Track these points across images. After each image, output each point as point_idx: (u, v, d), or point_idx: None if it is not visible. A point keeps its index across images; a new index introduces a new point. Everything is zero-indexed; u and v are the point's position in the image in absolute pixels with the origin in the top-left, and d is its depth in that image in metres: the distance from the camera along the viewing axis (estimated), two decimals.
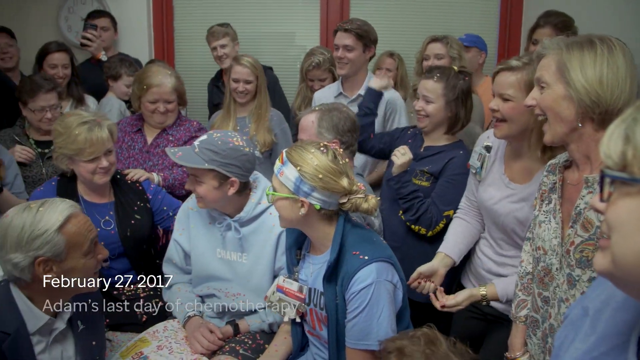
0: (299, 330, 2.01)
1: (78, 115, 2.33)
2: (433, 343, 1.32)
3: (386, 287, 1.71)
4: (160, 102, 2.86)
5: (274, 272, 2.17)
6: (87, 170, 2.32)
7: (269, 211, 2.17)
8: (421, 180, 2.50)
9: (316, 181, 1.70)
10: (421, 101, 2.50)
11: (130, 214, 2.44)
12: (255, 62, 3.20)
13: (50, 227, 1.56)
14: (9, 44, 3.69)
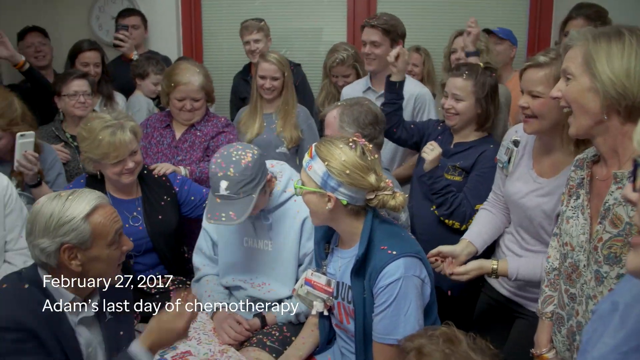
0: (326, 323, 2.04)
1: (101, 118, 2.36)
2: (452, 342, 1.31)
3: (414, 282, 1.73)
4: (188, 100, 2.90)
5: (299, 259, 2.21)
6: (113, 173, 2.37)
7: (294, 198, 2.21)
8: (453, 175, 2.51)
9: (343, 177, 1.72)
10: (450, 99, 2.50)
11: (158, 209, 2.49)
12: (281, 58, 3.21)
13: (77, 215, 1.61)
14: (42, 43, 3.79)
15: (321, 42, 4.57)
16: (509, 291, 2.19)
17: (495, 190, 2.29)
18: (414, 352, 1.33)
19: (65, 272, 1.66)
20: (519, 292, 2.16)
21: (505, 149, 2.18)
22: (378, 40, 3.02)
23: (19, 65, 2.98)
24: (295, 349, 2.03)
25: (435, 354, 1.29)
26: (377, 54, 3.04)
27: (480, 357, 1.28)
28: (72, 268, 1.64)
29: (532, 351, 1.83)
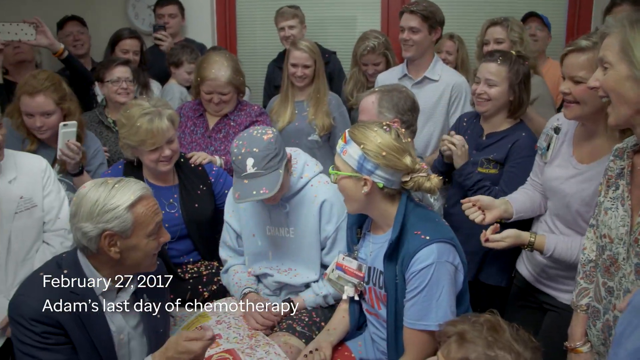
0: (357, 308, 2.04)
1: (139, 105, 2.39)
2: (496, 330, 1.29)
3: (447, 268, 1.72)
4: (215, 93, 2.90)
5: (321, 242, 2.23)
6: (150, 160, 2.40)
7: (311, 183, 2.22)
8: (488, 168, 2.47)
9: (379, 159, 1.72)
10: (483, 85, 2.46)
11: (194, 197, 2.52)
12: (313, 46, 3.20)
13: (121, 204, 1.65)
14: (80, 32, 3.87)
15: (355, 30, 4.52)
16: (539, 281, 2.16)
17: (533, 178, 2.26)
18: (455, 336, 1.32)
19: (104, 258, 1.71)
20: (550, 284, 2.12)
21: (545, 135, 2.15)
22: (417, 27, 2.98)
23: (58, 54, 3.05)
24: (326, 335, 2.04)
25: (478, 341, 1.28)
26: (415, 40, 2.99)
27: (522, 348, 1.27)
28: (110, 254, 1.68)
29: (566, 344, 1.80)
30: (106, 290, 1.74)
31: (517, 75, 2.41)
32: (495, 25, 3.08)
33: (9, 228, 2.15)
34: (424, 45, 3.02)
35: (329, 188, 2.21)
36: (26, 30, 2.87)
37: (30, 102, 2.51)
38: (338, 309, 2.15)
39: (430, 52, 3.10)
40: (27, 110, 2.53)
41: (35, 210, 2.25)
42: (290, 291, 2.30)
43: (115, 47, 3.63)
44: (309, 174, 2.24)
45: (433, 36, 3.04)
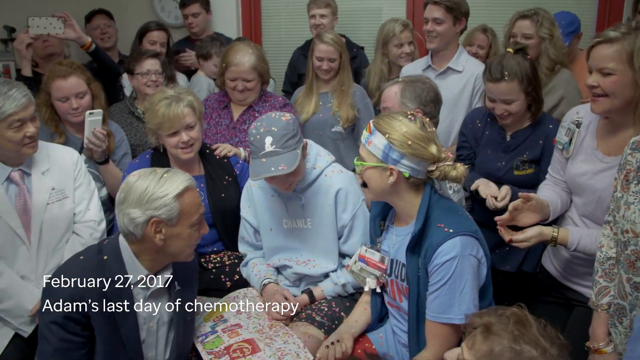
0: (379, 300, 2.05)
1: (163, 91, 2.46)
2: (522, 324, 1.28)
3: (470, 262, 1.71)
4: (239, 80, 2.92)
5: (338, 231, 2.25)
6: (170, 145, 2.44)
7: (324, 173, 2.24)
8: (524, 169, 2.45)
9: (405, 147, 1.72)
10: (500, 104, 2.40)
11: (220, 187, 2.56)
12: (338, 39, 3.19)
13: (170, 192, 1.71)
14: (107, 25, 3.93)
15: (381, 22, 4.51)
16: (565, 277, 2.14)
17: (552, 174, 2.22)
18: (481, 328, 1.31)
19: (147, 245, 1.77)
20: (577, 280, 2.10)
21: (565, 129, 2.10)
22: (440, 18, 2.94)
23: (85, 47, 3.12)
24: (347, 326, 2.06)
25: (504, 334, 1.27)
26: (439, 31, 2.96)
27: (548, 344, 1.25)
28: (155, 241, 1.74)
29: (588, 344, 1.78)
30: (141, 278, 1.80)
31: (529, 80, 2.34)
32: (525, 19, 2.98)
33: (40, 218, 2.21)
34: (448, 37, 2.98)
35: (343, 177, 2.23)
36: (55, 24, 2.95)
37: (64, 84, 2.59)
38: (360, 302, 2.17)
39: (455, 43, 3.06)
40: (62, 94, 2.60)
41: (67, 202, 2.31)
42: (310, 282, 2.32)
43: (142, 38, 3.72)
44: (322, 165, 2.25)
45: (457, 27, 3.00)
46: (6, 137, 2.09)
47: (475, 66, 3.01)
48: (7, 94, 2.06)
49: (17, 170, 2.21)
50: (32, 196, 2.22)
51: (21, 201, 2.20)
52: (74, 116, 2.65)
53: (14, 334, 2.14)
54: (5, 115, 2.06)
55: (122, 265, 1.78)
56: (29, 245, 2.20)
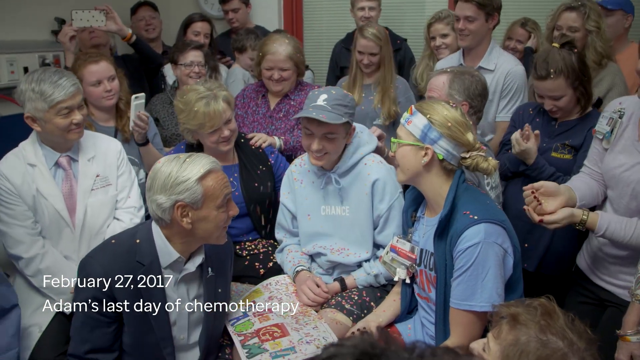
0: (409, 291, 2.07)
1: (195, 90, 2.48)
2: (550, 315, 1.27)
3: (494, 250, 1.71)
4: (275, 69, 2.98)
5: (374, 221, 2.27)
6: (211, 142, 2.50)
7: (364, 161, 2.27)
8: (563, 153, 2.43)
9: (444, 129, 1.76)
10: (549, 100, 2.39)
11: (254, 177, 2.62)
12: (380, 33, 3.19)
13: (192, 176, 1.78)
14: (152, 17, 4.05)
15: (424, 14, 4.49)
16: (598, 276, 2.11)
17: (588, 165, 2.18)
18: (508, 318, 1.30)
19: (176, 229, 1.84)
20: (610, 280, 2.07)
21: (607, 119, 2.06)
22: (472, 15, 2.88)
23: (126, 38, 3.24)
24: (375, 316, 2.09)
25: (530, 324, 1.26)
26: (471, 29, 2.90)
27: (576, 337, 1.24)
28: (183, 225, 1.80)
29: (618, 332, 1.78)
30: (173, 262, 1.87)
31: (576, 75, 2.31)
32: (571, 11, 2.90)
33: (85, 203, 2.33)
34: (480, 34, 2.92)
35: (382, 167, 2.26)
36: (97, 17, 3.07)
37: (97, 68, 2.71)
38: (391, 292, 2.19)
39: (487, 39, 2.99)
40: (95, 78, 2.71)
41: (110, 189, 2.42)
42: (343, 270, 2.35)
43: (187, 29, 3.83)
44: (363, 152, 2.29)
45: (490, 23, 2.93)
46: (54, 123, 2.20)
47: (508, 62, 2.94)
48: (57, 83, 2.17)
49: (65, 156, 2.33)
50: (77, 181, 2.34)
51: (67, 185, 2.33)
52: (107, 99, 2.76)
53: (56, 310, 2.26)
54: (54, 102, 2.17)
55: (154, 249, 1.85)
56: (73, 228, 2.32)
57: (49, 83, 2.16)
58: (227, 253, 2.09)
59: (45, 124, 2.21)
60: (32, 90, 2.16)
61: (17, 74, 3.18)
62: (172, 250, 1.86)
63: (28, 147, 2.30)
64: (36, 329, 2.19)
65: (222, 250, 2.03)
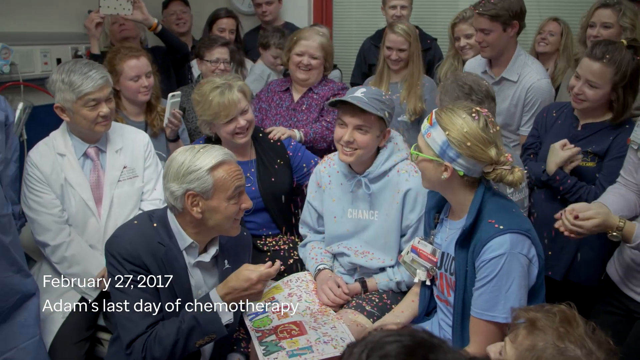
0: (427, 293, 2.06)
1: (211, 81, 2.51)
2: (569, 322, 1.25)
3: (519, 260, 1.69)
4: (306, 55, 3.03)
5: (402, 230, 2.26)
6: (227, 132, 2.51)
7: (397, 168, 2.26)
8: (585, 161, 2.38)
9: (463, 148, 1.72)
10: (583, 84, 2.32)
11: (271, 172, 2.64)
12: (410, 29, 3.20)
13: (203, 166, 1.81)
14: (183, 11, 4.10)
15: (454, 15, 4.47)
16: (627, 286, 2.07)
17: (626, 176, 2.13)
18: (526, 322, 1.29)
19: (188, 218, 1.88)
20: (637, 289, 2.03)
21: None
22: (487, 28, 2.82)
23: (152, 28, 3.30)
24: (393, 316, 2.09)
25: (548, 330, 1.24)
26: (489, 41, 2.85)
27: (595, 347, 1.21)
28: (193, 214, 1.84)
29: None
30: (188, 247, 1.91)
31: (624, 78, 2.24)
32: (606, 8, 2.87)
33: (111, 194, 2.39)
34: (500, 44, 2.86)
35: (417, 177, 2.22)
36: (124, 5, 3.11)
37: (137, 64, 2.77)
38: (409, 293, 2.19)
39: (511, 47, 2.92)
40: (135, 72, 2.77)
41: (137, 181, 2.48)
42: (364, 272, 2.35)
43: (212, 26, 3.89)
44: (397, 159, 2.28)
45: (509, 32, 2.84)
46: (81, 114, 2.26)
47: (531, 75, 2.86)
48: (86, 74, 2.23)
49: (93, 147, 2.40)
50: (105, 172, 2.40)
51: (95, 176, 2.39)
52: (143, 94, 2.83)
53: (80, 297, 2.33)
54: (83, 94, 2.23)
55: (171, 232, 1.90)
56: (99, 218, 2.38)
57: (79, 74, 2.22)
58: (245, 246, 2.11)
59: (73, 114, 2.27)
60: (62, 81, 2.23)
61: (50, 65, 3.25)
62: (185, 235, 1.90)
63: (58, 137, 2.37)
64: (59, 315, 2.26)
65: (239, 243, 2.05)
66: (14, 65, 3.04)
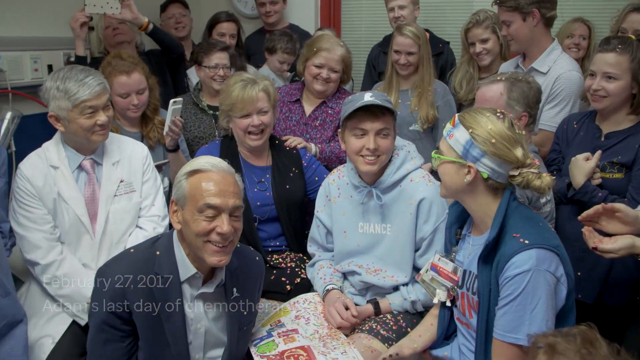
0: (447, 315, 2.04)
1: (240, 74, 2.69)
2: (591, 344, 1.24)
3: (546, 278, 1.67)
4: (326, 68, 3.04)
5: (416, 243, 2.26)
6: (240, 128, 2.60)
7: (410, 177, 2.26)
8: (612, 172, 2.37)
9: (488, 146, 1.72)
10: (600, 79, 2.34)
11: (286, 179, 2.67)
12: (419, 32, 3.20)
13: (185, 169, 1.84)
14: (182, 14, 4.12)
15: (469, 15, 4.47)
16: None
17: None
18: (545, 347, 1.28)
19: (180, 234, 1.87)
20: None
21: None
22: (507, 19, 2.87)
23: (143, 27, 3.30)
24: (410, 340, 2.07)
25: (570, 353, 1.23)
26: (512, 33, 2.89)
27: None
28: (174, 225, 1.86)
29: None
30: (191, 277, 1.88)
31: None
32: (639, 12, 2.89)
33: (107, 209, 2.38)
34: (524, 35, 2.88)
35: (431, 186, 2.24)
36: (112, 4, 3.08)
37: (127, 81, 2.76)
38: (427, 315, 2.17)
39: (542, 39, 2.92)
40: (124, 90, 2.76)
41: (134, 196, 2.47)
42: (377, 292, 2.34)
43: (212, 30, 3.91)
44: (409, 167, 2.29)
45: (531, 21, 2.85)
46: (78, 123, 2.27)
47: (562, 66, 2.87)
48: (82, 81, 2.24)
49: (88, 159, 2.39)
50: (100, 186, 2.39)
51: (90, 190, 2.38)
52: (132, 112, 2.83)
53: (71, 321, 2.30)
54: (79, 101, 2.23)
55: (174, 262, 1.87)
56: (93, 235, 2.37)
57: (75, 81, 2.23)
58: (257, 273, 2.08)
59: (68, 123, 2.27)
60: (57, 89, 2.23)
61: (41, 72, 3.27)
62: (189, 264, 1.87)
63: (51, 148, 2.37)
64: (49, 340, 2.23)
65: (251, 270, 2.02)
66: (2, 72, 3.04)
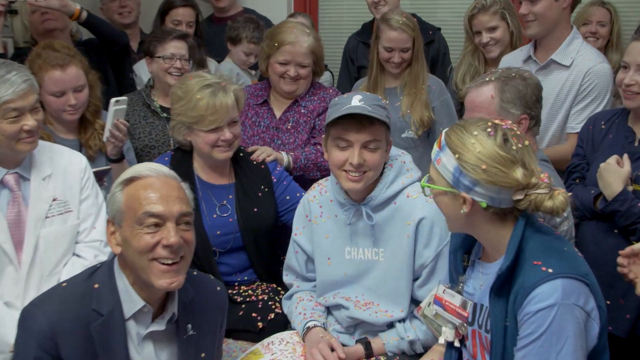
0: (455, 356, 2.01)
1: (201, 77, 2.54)
2: None
3: (574, 314, 1.64)
4: (292, 64, 2.97)
5: (414, 271, 2.23)
6: (206, 142, 2.51)
7: (406, 192, 2.24)
8: None
9: (478, 173, 1.68)
10: (635, 72, 2.35)
11: (254, 201, 2.61)
12: (411, 21, 3.16)
13: (118, 181, 1.78)
14: None
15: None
16: None
17: None
18: None
19: (122, 261, 1.80)
20: None
21: None
22: None
23: (74, 17, 3.21)
24: None
25: None
26: (536, 12, 2.86)
27: None
28: (114, 249, 1.78)
29: None
30: (138, 312, 1.80)
31: None
32: None
33: (36, 234, 2.28)
34: (550, 17, 2.86)
35: (430, 203, 2.17)
36: None
37: (62, 77, 2.66)
38: (431, 350, 2.16)
39: (563, 25, 2.94)
40: (59, 88, 2.67)
41: (70, 217, 2.38)
42: (368, 330, 2.31)
43: (165, 17, 3.84)
44: (405, 181, 2.26)
45: (561, 2, 2.86)
46: None
47: (589, 59, 2.88)
48: (4, 77, 2.14)
49: (12, 173, 2.29)
50: (28, 206, 2.30)
51: (14, 211, 2.28)
52: (69, 114, 2.74)
53: None
54: (1, 102, 2.13)
55: (116, 296, 1.78)
56: (19, 266, 2.26)
57: None
58: (218, 305, 2.01)
59: None
60: None
61: None
62: (135, 295, 1.79)
63: None
64: None
65: (209, 302, 1.96)
66: None
